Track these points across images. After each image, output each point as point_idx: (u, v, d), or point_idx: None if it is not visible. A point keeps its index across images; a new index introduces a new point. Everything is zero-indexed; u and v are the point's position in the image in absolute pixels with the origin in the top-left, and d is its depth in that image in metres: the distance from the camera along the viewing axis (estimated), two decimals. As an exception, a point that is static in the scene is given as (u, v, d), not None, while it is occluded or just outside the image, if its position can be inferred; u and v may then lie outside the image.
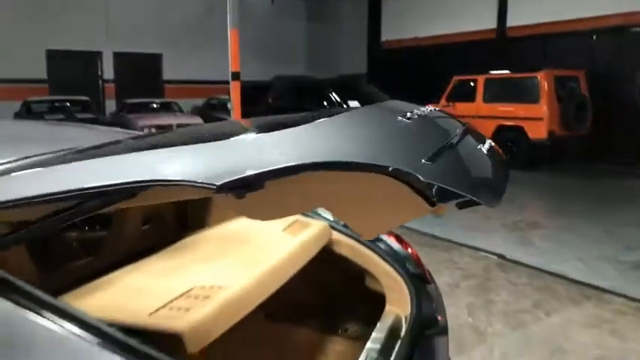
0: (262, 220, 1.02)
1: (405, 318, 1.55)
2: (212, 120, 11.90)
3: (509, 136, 9.18)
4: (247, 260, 1.39)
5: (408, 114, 1.09)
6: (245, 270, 1.30)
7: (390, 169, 0.84)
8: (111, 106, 13.36)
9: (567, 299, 3.54)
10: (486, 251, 4.52)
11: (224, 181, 0.76)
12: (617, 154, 9.96)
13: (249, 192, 0.78)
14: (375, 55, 15.63)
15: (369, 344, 1.40)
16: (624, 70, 9.98)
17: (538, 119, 8.82)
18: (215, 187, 0.76)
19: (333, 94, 9.18)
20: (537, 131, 8.83)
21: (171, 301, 1.15)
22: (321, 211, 1.86)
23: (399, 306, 1.61)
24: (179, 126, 9.48)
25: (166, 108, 12.08)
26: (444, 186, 0.86)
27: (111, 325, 0.82)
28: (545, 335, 3.04)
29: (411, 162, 0.88)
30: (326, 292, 1.94)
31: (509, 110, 9.29)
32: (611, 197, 7.12)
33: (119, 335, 0.80)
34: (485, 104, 9.68)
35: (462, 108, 9.86)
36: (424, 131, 1.12)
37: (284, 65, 14.54)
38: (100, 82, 13.74)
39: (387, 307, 1.63)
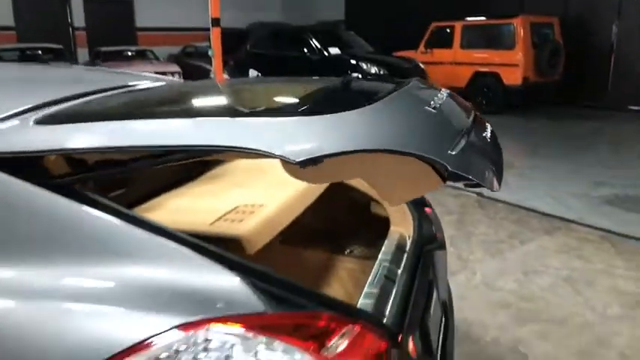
0: (311, 183, 1.19)
1: (409, 236, 1.78)
2: (190, 68, 11.77)
3: (485, 82, 9.42)
4: (276, 184, 1.58)
5: (432, 103, 1.25)
6: (277, 192, 1.50)
7: (426, 156, 1.00)
8: (83, 55, 13.02)
9: (540, 230, 3.89)
10: (465, 190, 4.82)
11: (301, 159, 0.89)
12: (588, 98, 10.34)
13: (313, 166, 0.92)
14: (352, 1, 15.44)
15: (380, 256, 1.63)
16: (596, 16, 10.19)
17: (513, 65, 9.05)
18: (294, 162, 0.89)
19: (313, 40, 9.17)
20: (512, 77, 9.08)
21: (223, 215, 1.34)
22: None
23: (402, 226, 1.85)
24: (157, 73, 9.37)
25: (142, 56, 11.87)
26: (464, 174, 1.03)
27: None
28: (520, 260, 3.38)
29: (442, 153, 1.03)
30: (332, 218, 2.16)
31: (485, 57, 9.47)
32: (580, 139, 7.50)
33: (195, 240, 0.98)
34: (463, 51, 9.83)
35: (439, 54, 10.01)
36: (447, 122, 1.27)
37: (260, 12, 14.29)
38: (71, 29, 13.31)
39: (392, 228, 1.86)
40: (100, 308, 0.90)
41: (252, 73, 9.07)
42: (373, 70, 8.36)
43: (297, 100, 1.33)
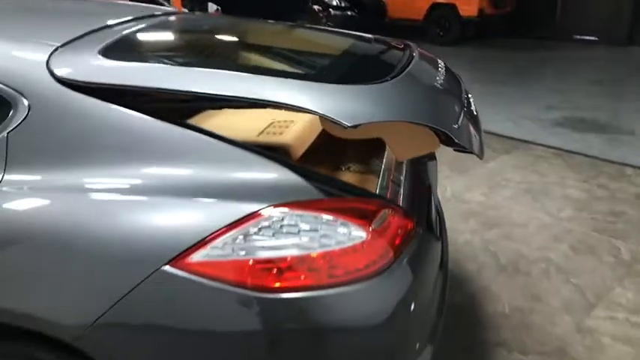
0: (343, 137, 1.41)
1: None
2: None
3: (442, 14, 9.60)
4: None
5: (438, 78, 1.52)
6: (298, 113, 1.70)
7: (441, 130, 1.26)
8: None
9: (501, 150, 4.27)
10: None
11: (352, 124, 1.10)
12: (537, 30, 10.72)
13: (354, 129, 1.13)
14: None
15: (383, 167, 1.88)
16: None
17: (470, -3, 9.26)
18: (345, 126, 1.10)
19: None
20: (468, 9, 9.31)
21: (264, 129, 1.54)
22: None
23: None
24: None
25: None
26: (464, 145, 1.31)
27: None
28: (485, 176, 3.76)
29: (451, 127, 1.30)
30: (330, 139, 2.39)
31: (442, -12, 9.61)
32: (531, 68, 7.91)
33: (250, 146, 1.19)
34: (420, -18, 9.91)
35: (398, -14, 10.03)
36: (451, 99, 1.52)
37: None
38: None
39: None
40: (201, 199, 1.11)
41: (212, 7, 8.84)
42: (334, 1, 8.34)
43: (343, 67, 1.54)
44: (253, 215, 1.09)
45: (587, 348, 2.05)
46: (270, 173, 1.15)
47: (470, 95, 1.73)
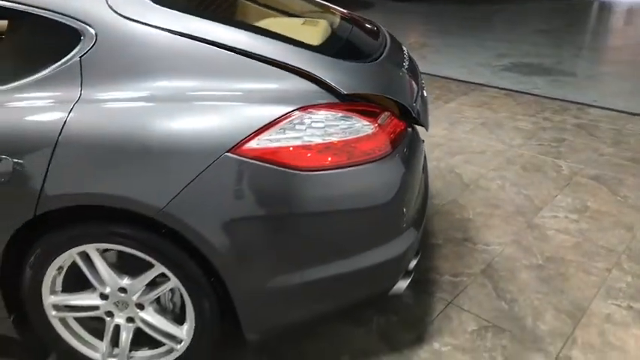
0: None
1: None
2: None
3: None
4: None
5: (404, 64, 1.91)
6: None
7: (407, 106, 1.63)
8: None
9: (458, 92, 4.70)
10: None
11: (347, 92, 1.46)
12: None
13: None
14: None
15: None
16: None
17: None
18: (343, 93, 1.46)
19: None
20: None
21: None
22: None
23: None
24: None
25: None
26: (418, 118, 1.72)
27: None
28: (445, 114, 4.18)
29: (412, 105, 1.69)
30: None
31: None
32: (482, 20, 8.37)
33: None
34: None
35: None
36: (413, 82, 1.87)
37: None
38: None
39: None
40: (250, 104, 1.42)
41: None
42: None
43: (337, 43, 1.82)
44: (291, 114, 1.42)
45: (536, 238, 2.52)
46: (302, 84, 1.47)
47: (422, 77, 2.13)
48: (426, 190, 2.12)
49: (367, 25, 2.21)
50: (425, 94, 2.06)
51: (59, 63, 1.46)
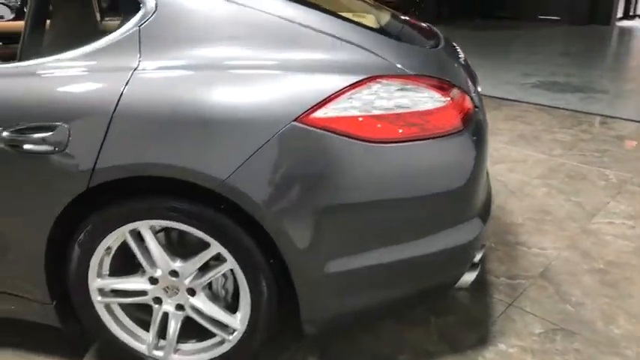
0: None
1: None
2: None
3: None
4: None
5: (460, 58, 1.84)
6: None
7: (469, 95, 1.55)
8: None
9: (490, 107, 4.62)
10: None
11: (412, 73, 1.38)
12: (502, 10, 11.25)
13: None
14: None
15: None
16: None
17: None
18: (409, 74, 1.37)
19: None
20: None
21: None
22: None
23: None
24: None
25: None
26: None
27: None
28: (480, 127, 4.09)
29: (471, 93, 1.60)
30: None
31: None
32: (502, 44, 8.37)
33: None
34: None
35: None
36: (467, 73, 1.78)
37: None
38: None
39: None
40: (320, 73, 1.34)
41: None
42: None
43: (403, 31, 1.80)
44: (361, 82, 1.33)
45: (594, 244, 2.38)
46: (370, 57, 1.39)
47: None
48: (489, 186, 2.00)
49: (419, 22, 2.16)
50: (479, 89, 1.97)
51: (118, 32, 1.40)
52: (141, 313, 1.64)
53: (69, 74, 1.39)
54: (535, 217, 2.63)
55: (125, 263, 1.59)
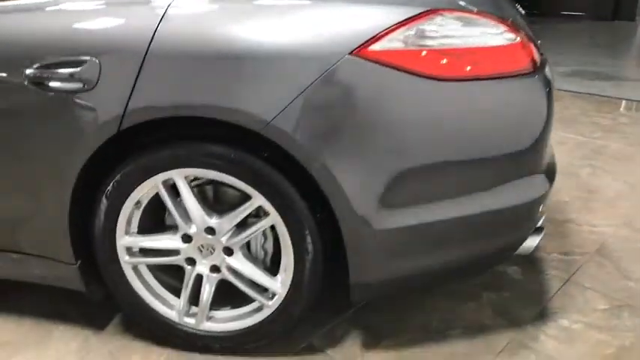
0: None
1: None
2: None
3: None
4: None
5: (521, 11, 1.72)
6: None
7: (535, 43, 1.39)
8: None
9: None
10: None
11: (476, 9, 1.21)
12: (524, 5, 11.02)
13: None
14: None
15: None
16: None
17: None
18: (473, 10, 1.20)
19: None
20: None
21: None
22: None
23: None
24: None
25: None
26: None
27: None
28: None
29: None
30: None
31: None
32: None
33: None
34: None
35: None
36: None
37: None
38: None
39: None
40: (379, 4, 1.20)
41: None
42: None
43: None
44: (424, 14, 1.19)
45: (650, 222, 2.21)
46: None
47: None
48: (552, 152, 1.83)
49: None
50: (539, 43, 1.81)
51: None
52: (170, 278, 1.51)
53: (101, 5, 1.27)
54: (582, 196, 2.46)
55: (155, 223, 1.46)
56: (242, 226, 1.36)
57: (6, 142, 1.32)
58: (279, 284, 1.37)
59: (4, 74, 1.26)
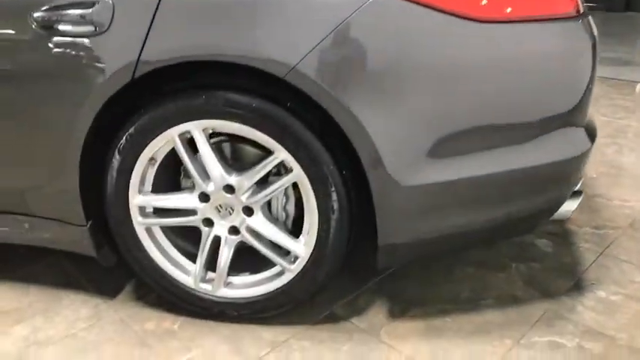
0: None
1: None
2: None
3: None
4: None
5: None
6: None
7: None
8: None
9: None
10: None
11: None
12: None
13: None
14: None
15: None
16: None
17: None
18: None
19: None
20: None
21: None
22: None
23: None
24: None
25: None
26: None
27: None
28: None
29: None
30: None
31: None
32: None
33: None
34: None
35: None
36: None
37: None
38: None
39: None
40: None
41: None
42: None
43: None
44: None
45: (683, 197, 2.11)
46: None
47: None
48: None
49: None
50: None
51: None
52: (185, 242, 1.43)
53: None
54: (609, 172, 2.36)
55: (169, 185, 1.38)
56: (263, 183, 1.28)
57: (12, 90, 1.24)
58: (303, 246, 1.28)
59: (10, 17, 1.19)
